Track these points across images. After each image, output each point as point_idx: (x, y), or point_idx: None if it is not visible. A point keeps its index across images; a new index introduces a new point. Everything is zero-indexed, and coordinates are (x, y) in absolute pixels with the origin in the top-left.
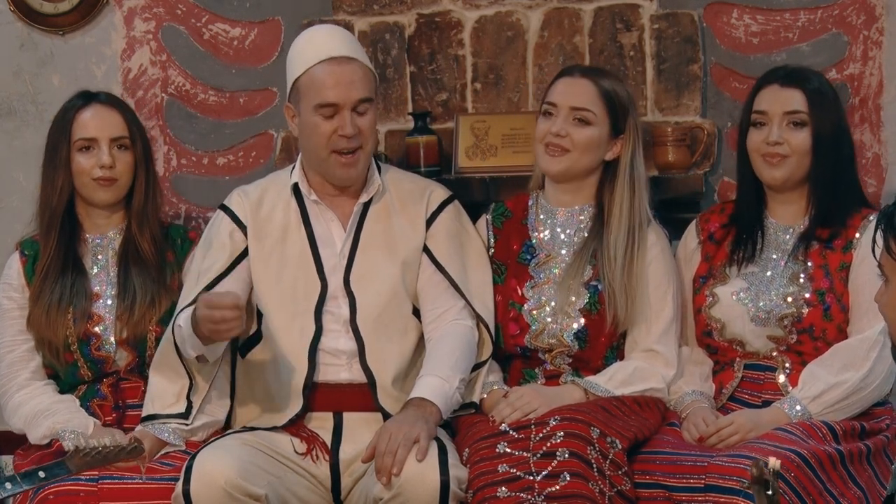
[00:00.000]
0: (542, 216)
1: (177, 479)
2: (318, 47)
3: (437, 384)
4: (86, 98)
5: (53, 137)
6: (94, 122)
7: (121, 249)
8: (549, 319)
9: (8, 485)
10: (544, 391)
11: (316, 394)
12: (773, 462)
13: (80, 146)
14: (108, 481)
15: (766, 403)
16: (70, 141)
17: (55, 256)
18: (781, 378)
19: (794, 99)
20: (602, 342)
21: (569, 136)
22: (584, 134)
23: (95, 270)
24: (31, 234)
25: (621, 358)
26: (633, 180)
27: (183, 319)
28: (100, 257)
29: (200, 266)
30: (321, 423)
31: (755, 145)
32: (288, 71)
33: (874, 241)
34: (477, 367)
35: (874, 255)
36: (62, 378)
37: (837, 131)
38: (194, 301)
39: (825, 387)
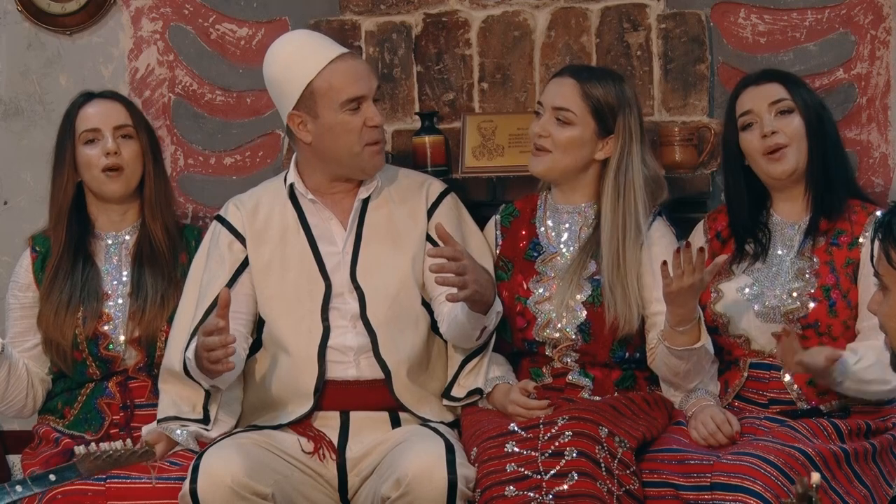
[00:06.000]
0: (548, 214)
1: (184, 479)
2: (317, 50)
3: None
4: (88, 95)
5: (59, 136)
6: (97, 114)
7: (135, 249)
8: (553, 313)
9: (18, 488)
10: None
11: (324, 393)
12: (815, 477)
13: (84, 139)
14: (116, 481)
15: (772, 402)
16: (74, 136)
17: (65, 254)
18: (787, 377)
19: (775, 90)
20: (606, 335)
21: (550, 136)
22: (565, 134)
23: (107, 269)
24: (44, 230)
25: (630, 352)
26: (618, 181)
27: (191, 352)
28: (113, 256)
29: (201, 280)
30: (328, 423)
31: (752, 145)
32: (286, 82)
33: (872, 251)
34: (480, 351)
35: (872, 264)
36: (69, 377)
37: (821, 112)
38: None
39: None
